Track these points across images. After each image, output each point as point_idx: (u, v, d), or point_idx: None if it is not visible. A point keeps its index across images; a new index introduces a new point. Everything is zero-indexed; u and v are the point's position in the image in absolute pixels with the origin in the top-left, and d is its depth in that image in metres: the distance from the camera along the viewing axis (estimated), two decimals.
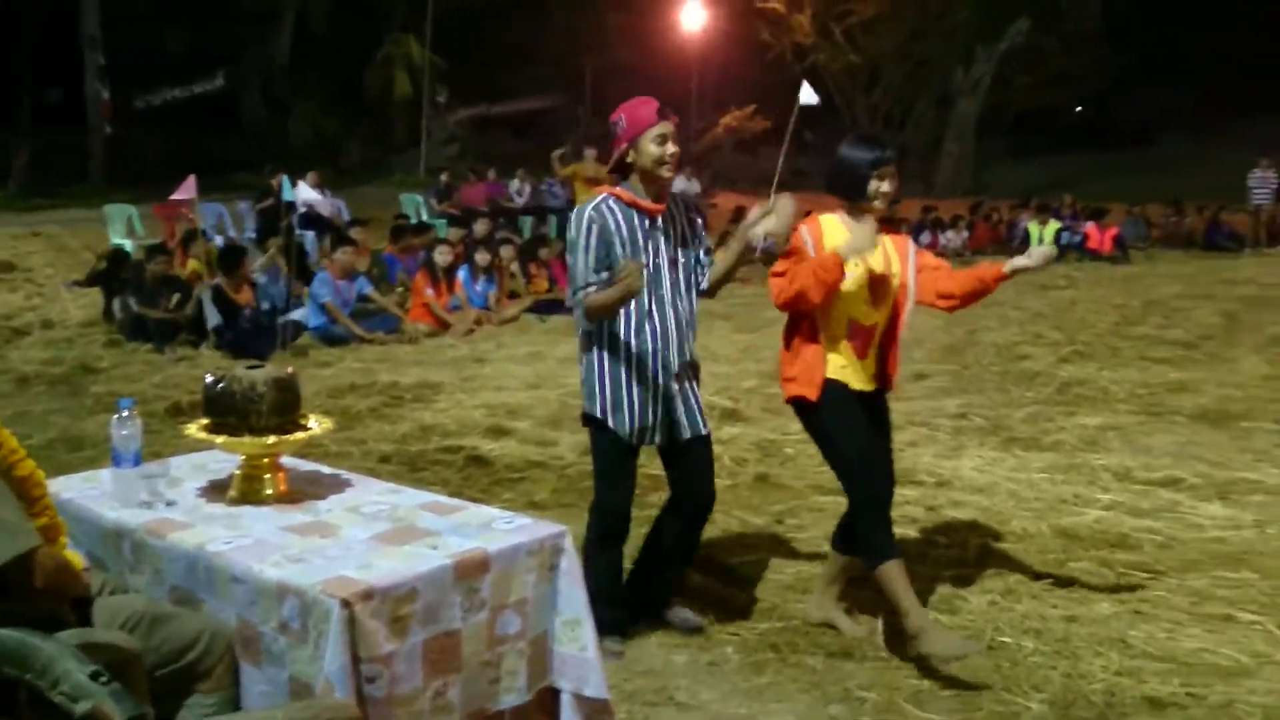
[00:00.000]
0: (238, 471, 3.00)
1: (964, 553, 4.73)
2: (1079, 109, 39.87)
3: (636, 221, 3.59)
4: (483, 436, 6.48)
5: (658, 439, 3.72)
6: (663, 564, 4.00)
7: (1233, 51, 37.90)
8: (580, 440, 6.41)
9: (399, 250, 11.56)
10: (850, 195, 3.71)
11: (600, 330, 3.62)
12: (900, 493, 5.47)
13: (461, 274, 10.50)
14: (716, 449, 6.18)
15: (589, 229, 3.56)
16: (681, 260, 3.69)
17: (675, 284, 3.66)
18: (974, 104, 32.41)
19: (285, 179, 10.74)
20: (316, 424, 3.00)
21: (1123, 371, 8.35)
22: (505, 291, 11.05)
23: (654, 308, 3.61)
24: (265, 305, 9.66)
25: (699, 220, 3.83)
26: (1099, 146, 36.72)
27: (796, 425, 6.66)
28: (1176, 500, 5.38)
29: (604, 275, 3.53)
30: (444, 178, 18.76)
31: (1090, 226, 16.57)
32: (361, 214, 14.37)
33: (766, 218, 3.54)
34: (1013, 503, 5.38)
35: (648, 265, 3.57)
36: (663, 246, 3.65)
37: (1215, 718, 3.35)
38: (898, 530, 4.96)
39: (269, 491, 2.95)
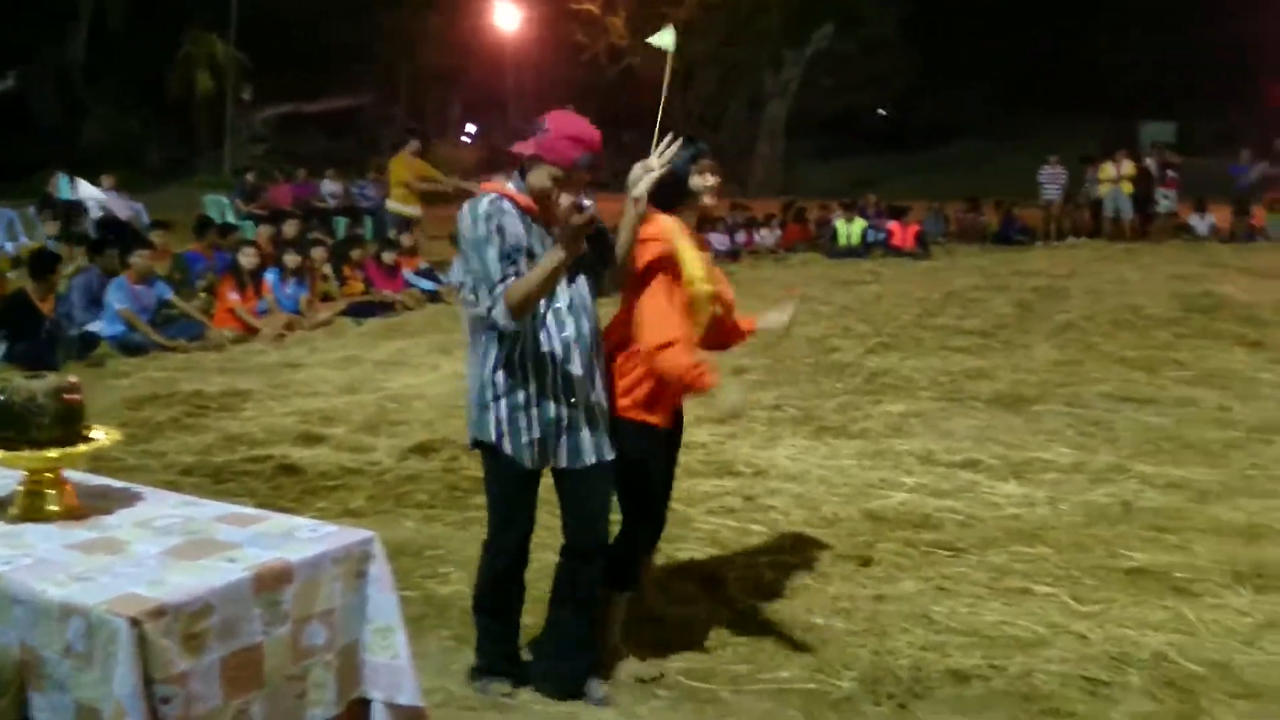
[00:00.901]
0: (19, 487, 2.79)
1: (779, 539, 4.85)
2: (883, 111, 41.45)
3: (532, 228, 3.21)
4: (294, 444, 6.28)
5: (558, 460, 3.30)
6: (566, 619, 3.49)
7: (1027, 53, 40.22)
8: (397, 444, 6.30)
9: (202, 247, 11.10)
10: (674, 200, 3.48)
11: (494, 343, 3.22)
12: (719, 484, 5.65)
13: (269, 276, 10.15)
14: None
15: (489, 220, 3.14)
16: (582, 274, 3.30)
17: (578, 297, 3.27)
18: (784, 106, 33.28)
19: (62, 178, 10.11)
20: (103, 435, 2.84)
21: (925, 360, 8.70)
22: (318, 294, 10.74)
23: (550, 318, 3.22)
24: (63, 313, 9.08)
25: (605, 231, 3.35)
26: (902, 147, 38.30)
27: None
28: (975, 481, 5.64)
29: (517, 267, 3.12)
30: (250, 177, 18.12)
31: (893, 224, 17.23)
32: (164, 217, 13.73)
33: (646, 176, 3.19)
34: (824, 489, 5.55)
35: None
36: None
37: (1015, 687, 3.52)
38: (718, 520, 5.11)
39: (53, 507, 2.76)
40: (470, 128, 36.17)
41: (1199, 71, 36.85)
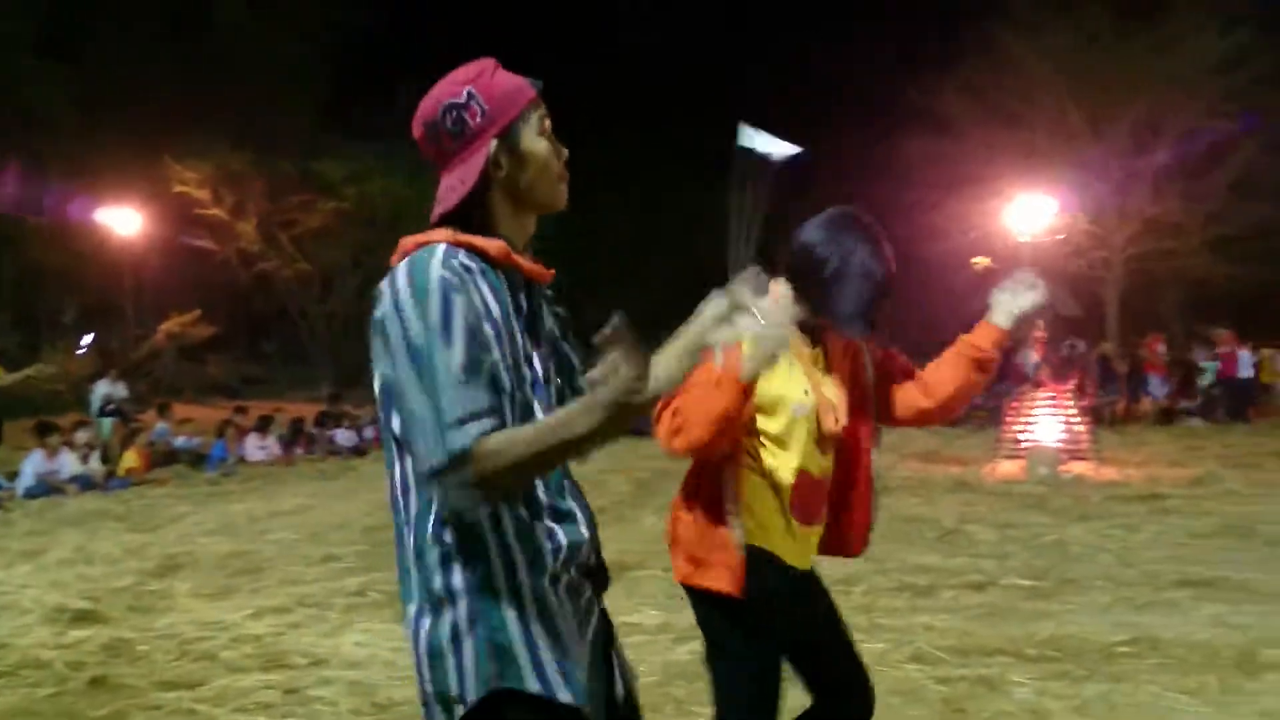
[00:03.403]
0: None
1: None
2: None
3: (508, 295, 1.85)
4: None
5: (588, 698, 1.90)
6: None
7: (677, 267, 42.96)
8: None
9: None
10: (845, 320, 2.50)
11: (493, 522, 1.79)
12: (262, 678, 4.93)
13: None
14: (47, 655, 5.25)
15: (448, 301, 1.72)
16: (555, 380, 1.98)
17: None
18: None
19: None
20: None
21: None
22: None
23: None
24: None
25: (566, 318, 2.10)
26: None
27: (164, 621, 5.91)
28: None
29: (486, 392, 1.71)
30: None
31: None
32: None
33: (742, 310, 1.77)
34: (388, 673, 4.94)
35: (533, 381, 1.87)
36: (541, 348, 1.93)
37: None
38: (247, 718, 4.35)
39: None
40: (86, 338, 33.64)
41: None
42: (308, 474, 13.75)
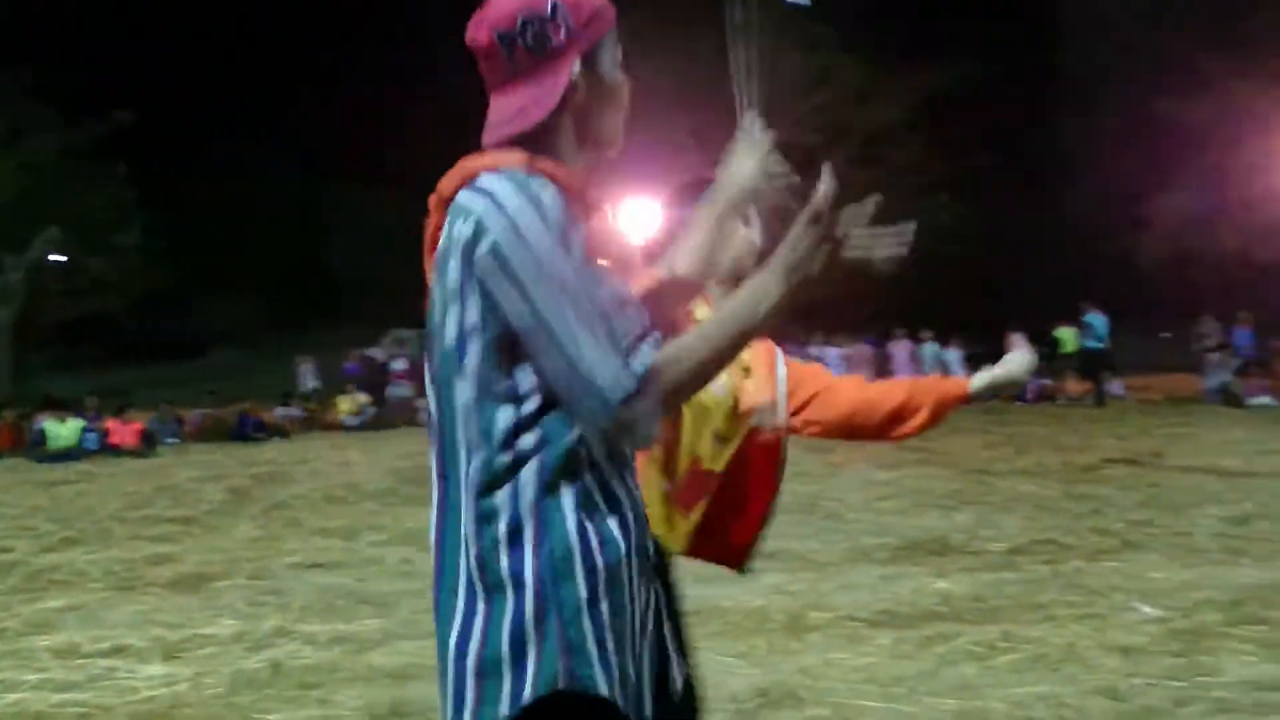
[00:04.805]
0: None
1: None
2: (130, 321, 39.59)
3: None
4: None
5: (646, 706, 1.62)
6: None
7: (284, 268, 41.38)
8: None
9: None
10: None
11: (562, 473, 1.50)
12: None
13: None
14: None
15: (568, 223, 1.50)
16: None
17: None
18: (8, 312, 30.12)
19: None
20: None
21: (108, 552, 7.76)
22: None
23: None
24: None
25: None
26: (155, 358, 36.99)
27: None
28: (115, 667, 4.91)
29: (636, 307, 1.54)
30: None
31: (112, 422, 16.14)
32: None
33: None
34: None
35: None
36: None
37: None
38: None
39: None
40: None
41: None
42: None
